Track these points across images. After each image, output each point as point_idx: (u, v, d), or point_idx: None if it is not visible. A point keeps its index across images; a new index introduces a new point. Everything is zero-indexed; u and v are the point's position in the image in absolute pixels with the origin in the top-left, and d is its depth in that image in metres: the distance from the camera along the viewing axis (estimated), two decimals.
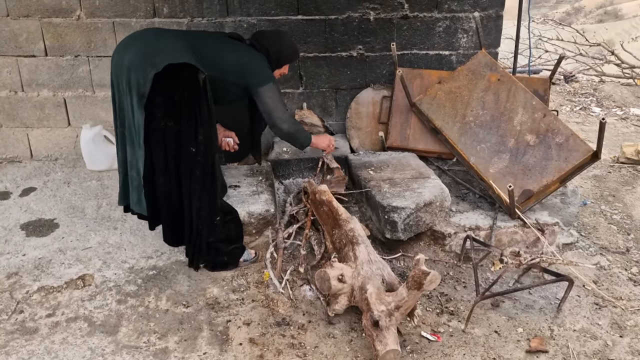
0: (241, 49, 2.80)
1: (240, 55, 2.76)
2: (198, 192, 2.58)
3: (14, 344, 2.25)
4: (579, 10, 47.41)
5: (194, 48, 2.57)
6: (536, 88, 3.42)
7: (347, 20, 3.82)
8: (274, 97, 2.79)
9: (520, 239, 2.91)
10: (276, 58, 2.92)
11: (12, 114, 3.87)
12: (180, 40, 2.58)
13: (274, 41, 2.92)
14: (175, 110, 2.47)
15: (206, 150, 2.56)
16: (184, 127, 2.49)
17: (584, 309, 2.52)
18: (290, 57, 3.02)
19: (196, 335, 2.31)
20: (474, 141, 3.17)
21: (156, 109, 2.44)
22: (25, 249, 2.93)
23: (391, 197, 2.85)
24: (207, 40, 2.77)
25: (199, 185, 2.57)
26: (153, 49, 2.47)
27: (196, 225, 2.62)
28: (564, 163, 2.95)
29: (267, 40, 2.90)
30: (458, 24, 3.86)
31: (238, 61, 2.73)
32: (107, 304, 2.50)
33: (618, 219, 3.48)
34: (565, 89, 7.39)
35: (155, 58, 2.41)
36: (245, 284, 2.65)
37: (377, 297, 2.22)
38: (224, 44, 2.79)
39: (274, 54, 2.90)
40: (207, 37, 2.91)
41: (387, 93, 3.82)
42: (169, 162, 2.54)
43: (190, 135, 2.50)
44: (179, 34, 2.75)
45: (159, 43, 2.53)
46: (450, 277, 2.75)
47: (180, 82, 2.45)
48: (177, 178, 2.58)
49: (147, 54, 2.44)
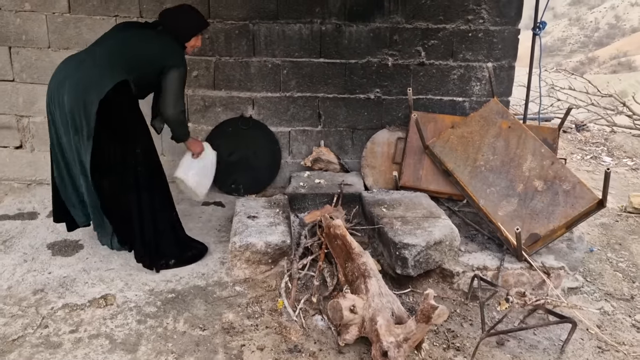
0: (154, 41, 2.97)
1: (154, 49, 2.94)
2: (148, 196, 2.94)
3: (38, 356, 2.35)
4: (593, 60, 48.02)
5: (114, 59, 2.82)
6: (545, 137, 3.56)
7: (366, 64, 4.03)
8: (176, 81, 2.93)
9: (526, 280, 2.99)
10: (184, 34, 3.06)
11: (45, 138, 4.06)
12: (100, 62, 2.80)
13: (178, 19, 3.05)
14: (114, 133, 2.81)
15: (145, 154, 2.92)
16: (123, 145, 2.84)
17: (586, 352, 2.59)
18: (196, 30, 3.12)
19: (212, 357, 2.40)
20: (484, 184, 3.31)
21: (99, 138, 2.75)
22: (51, 267, 3.07)
23: (403, 234, 2.97)
24: (124, 43, 2.93)
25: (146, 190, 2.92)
26: (82, 87, 2.71)
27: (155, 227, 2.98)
28: (570, 209, 3.06)
29: (171, 20, 3.04)
30: (472, 73, 4.05)
31: (154, 55, 2.93)
32: (127, 323, 2.62)
33: (624, 267, 3.55)
34: (577, 138, 7.50)
35: (90, 95, 2.68)
36: (260, 311, 2.76)
37: (386, 328, 2.32)
38: (142, 40, 2.96)
39: (181, 32, 3.05)
40: (124, 39, 2.97)
41: (402, 135, 3.98)
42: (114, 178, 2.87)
43: (129, 149, 2.85)
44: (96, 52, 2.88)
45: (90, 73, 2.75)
46: (457, 315, 2.84)
47: (113, 106, 2.75)
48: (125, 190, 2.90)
49: (76, 94, 2.70)
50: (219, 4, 3.88)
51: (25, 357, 2.35)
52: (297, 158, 4.22)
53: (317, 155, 4.09)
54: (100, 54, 2.84)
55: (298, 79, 4.06)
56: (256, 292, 2.91)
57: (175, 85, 2.95)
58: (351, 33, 3.96)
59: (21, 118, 4.07)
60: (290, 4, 3.90)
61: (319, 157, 4.09)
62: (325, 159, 4.09)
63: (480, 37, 3.98)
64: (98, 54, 2.84)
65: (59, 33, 3.88)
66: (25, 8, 3.82)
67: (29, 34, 3.88)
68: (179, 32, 3.05)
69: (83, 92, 2.70)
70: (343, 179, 3.92)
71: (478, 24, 3.95)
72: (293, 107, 4.12)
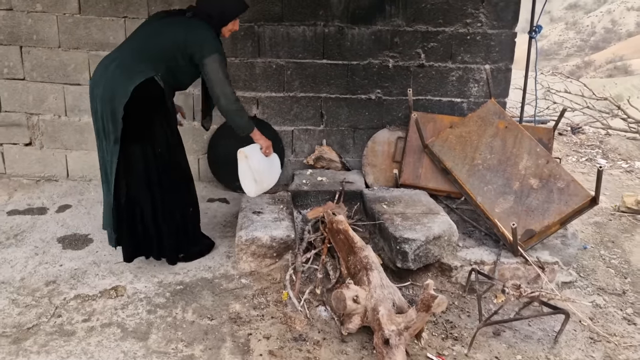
0: (180, 26, 2.82)
1: (179, 34, 2.79)
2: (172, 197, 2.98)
3: (53, 344, 2.45)
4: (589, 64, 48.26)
5: (140, 56, 2.77)
6: (541, 136, 3.67)
7: (367, 66, 4.14)
8: (217, 69, 2.80)
9: (521, 275, 3.11)
10: (219, 19, 2.91)
11: (54, 136, 4.19)
12: (127, 61, 2.77)
13: (212, 2, 2.89)
14: (137, 134, 2.81)
15: (166, 156, 2.91)
16: (145, 145, 2.84)
17: (579, 342, 2.70)
18: (234, 12, 2.97)
19: (220, 345, 2.50)
20: (482, 182, 3.42)
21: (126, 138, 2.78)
22: (62, 260, 3.17)
23: (403, 229, 3.08)
24: (150, 36, 2.83)
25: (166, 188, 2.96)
26: (110, 91, 2.72)
27: (175, 223, 3.02)
28: (564, 206, 3.18)
29: (205, 4, 2.88)
30: (470, 74, 4.17)
31: (179, 41, 2.78)
32: (138, 313, 2.71)
33: (616, 264, 3.66)
34: (572, 140, 7.61)
35: (115, 103, 2.70)
36: (265, 302, 2.86)
37: (388, 317, 2.42)
38: (167, 30, 2.83)
39: (216, 16, 2.89)
40: (150, 32, 2.88)
41: (402, 134, 4.10)
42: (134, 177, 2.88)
43: (151, 149, 2.86)
44: (125, 50, 2.85)
45: (114, 80, 2.73)
46: (456, 307, 2.95)
47: (137, 106, 2.73)
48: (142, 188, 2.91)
49: (105, 98, 2.72)
50: None
51: (41, 344, 2.44)
52: (300, 156, 4.33)
53: (320, 154, 4.21)
54: (127, 52, 2.82)
55: (301, 80, 4.17)
56: (261, 284, 3.01)
57: (216, 74, 2.81)
58: (353, 35, 4.08)
59: (31, 116, 4.17)
60: (294, 7, 4.01)
61: (322, 155, 4.20)
62: (327, 157, 4.21)
63: (478, 40, 4.10)
64: (126, 52, 2.82)
65: (69, 33, 3.98)
66: (36, 9, 3.93)
67: (39, 34, 3.98)
68: (215, 15, 2.88)
69: (110, 100, 2.71)
70: (345, 177, 4.03)
71: (476, 27, 4.07)
72: (296, 106, 4.23)
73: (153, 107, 2.84)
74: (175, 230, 3.06)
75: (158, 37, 2.82)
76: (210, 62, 2.80)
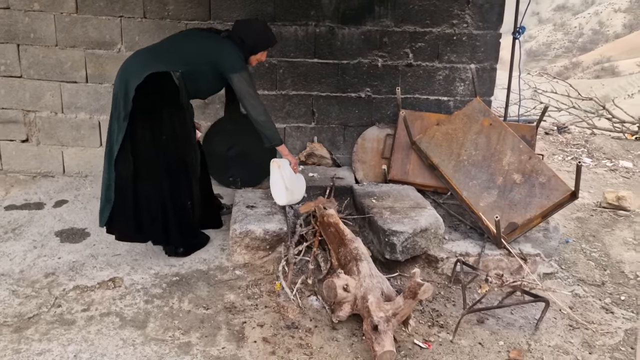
0: (214, 41, 3.11)
1: (211, 46, 3.07)
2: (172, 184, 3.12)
3: (54, 332, 2.53)
4: (577, 65, 48.75)
5: (163, 54, 3.02)
6: (524, 134, 3.81)
7: (357, 65, 4.26)
8: (245, 84, 3.07)
9: (505, 266, 3.24)
10: (251, 46, 3.18)
11: (51, 132, 4.26)
12: (150, 55, 3.05)
13: (248, 31, 3.17)
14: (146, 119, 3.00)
15: (172, 145, 3.06)
16: (152, 131, 3.02)
17: (559, 329, 2.83)
18: (264, 44, 3.26)
19: (215, 332, 2.60)
20: (467, 178, 3.55)
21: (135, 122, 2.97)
22: (60, 252, 3.25)
23: (391, 222, 3.20)
24: (181, 40, 3.15)
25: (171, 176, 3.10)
26: (127, 75, 2.95)
27: (172, 211, 3.13)
28: (545, 200, 3.32)
29: (240, 30, 3.17)
30: (456, 74, 4.31)
31: (209, 51, 3.05)
32: (135, 303, 2.81)
33: (596, 257, 3.80)
34: (558, 139, 7.76)
35: (130, 82, 2.90)
36: (259, 293, 2.97)
37: (377, 305, 2.54)
38: (197, 38, 3.13)
39: (248, 43, 3.16)
40: (182, 37, 3.22)
41: (391, 131, 4.22)
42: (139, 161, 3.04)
43: (157, 135, 3.03)
44: (153, 48, 3.15)
45: (133, 66, 2.99)
46: (442, 296, 3.07)
47: (150, 95, 2.94)
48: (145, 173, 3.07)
49: (123, 81, 2.94)
50: (220, 6, 4.09)
51: (42, 332, 2.53)
52: (291, 153, 4.43)
53: (311, 151, 4.32)
54: (155, 50, 3.09)
55: (293, 78, 4.28)
56: (255, 275, 3.11)
57: (246, 90, 3.08)
58: (344, 35, 4.20)
59: (28, 113, 4.24)
60: (286, 7, 4.12)
61: (313, 152, 4.31)
62: (318, 154, 4.32)
63: (464, 40, 4.24)
64: (154, 50, 3.09)
65: (66, 32, 4.06)
66: (34, 8, 4.00)
67: (37, 32, 4.06)
68: (248, 43, 3.16)
69: (126, 82, 2.92)
70: (335, 173, 4.15)
71: (462, 28, 4.21)
72: (288, 104, 4.34)
73: (165, 99, 3.02)
74: (178, 220, 3.19)
75: (189, 44, 3.10)
76: (239, 78, 3.07)
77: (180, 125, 3.10)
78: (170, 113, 3.05)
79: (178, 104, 3.06)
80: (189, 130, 3.17)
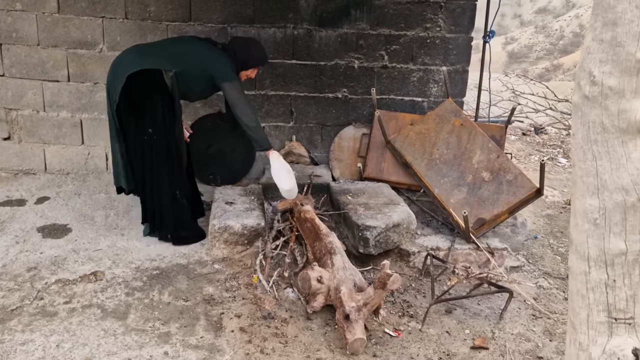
0: (210, 51, 3.29)
1: (206, 54, 3.25)
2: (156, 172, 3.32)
3: (37, 323, 2.61)
4: (558, 67, 49.34)
5: (160, 53, 3.22)
6: (494, 133, 3.97)
7: (334, 66, 4.39)
8: (236, 92, 3.24)
9: (473, 259, 3.38)
10: (242, 62, 3.36)
11: (32, 130, 4.32)
12: (147, 51, 3.27)
13: (242, 47, 3.38)
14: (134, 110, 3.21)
15: (158, 136, 3.25)
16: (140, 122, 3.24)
17: (522, 318, 2.99)
18: (256, 63, 3.45)
19: (194, 323, 2.70)
20: (439, 175, 3.69)
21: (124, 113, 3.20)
22: (42, 248, 3.32)
23: (365, 218, 3.33)
24: (179, 43, 3.37)
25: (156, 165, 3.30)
26: (119, 67, 3.17)
27: (157, 200, 3.35)
28: (512, 197, 3.47)
29: (235, 45, 3.38)
30: (430, 75, 4.46)
31: (204, 58, 3.23)
32: (117, 295, 2.89)
33: (563, 252, 3.96)
34: (535, 140, 7.95)
35: (120, 74, 3.11)
36: (237, 285, 3.07)
37: (349, 295, 2.66)
38: (195, 45, 3.32)
39: (241, 58, 3.35)
40: (180, 41, 3.47)
41: (367, 131, 4.35)
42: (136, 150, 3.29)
43: (144, 128, 3.24)
44: (150, 45, 3.41)
45: (127, 60, 3.20)
46: (413, 288, 3.21)
47: (141, 89, 3.15)
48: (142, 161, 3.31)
49: (115, 71, 3.18)
50: (200, 8, 4.19)
51: (25, 324, 2.60)
52: None
53: (289, 149, 4.44)
54: (151, 46, 3.32)
55: (272, 79, 4.39)
56: (233, 269, 3.22)
57: (237, 97, 3.24)
58: (321, 37, 4.32)
59: (10, 111, 4.29)
60: (265, 10, 4.23)
61: (291, 150, 4.43)
62: (296, 152, 4.44)
63: (437, 43, 4.39)
64: (150, 46, 3.33)
65: (48, 31, 4.12)
66: (16, 7, 4.06)
67: (19, 32, 4.11)
68: (240, 58, 3.34)
69: (119, 73, 3.15)
70: (313, 171, 4.27)
71: (435, 32, 4.35)
72: (267, 104, 4.45)
73: (154, 96, 3.20)
74: (163, 207, 3.39)
75: (187, 48, 3.28)
76: (231, 86, 3.24)
77: (169, 119, 3.26)
78: (155, 105, 3.21)
79: (169, 100, 3.22)
80: (178, 125, 3.32)
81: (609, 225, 1.22)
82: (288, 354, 2.51)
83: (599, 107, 1.17)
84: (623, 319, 1.24)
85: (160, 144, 3.27)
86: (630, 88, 1.13)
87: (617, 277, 1.23)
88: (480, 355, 2.63)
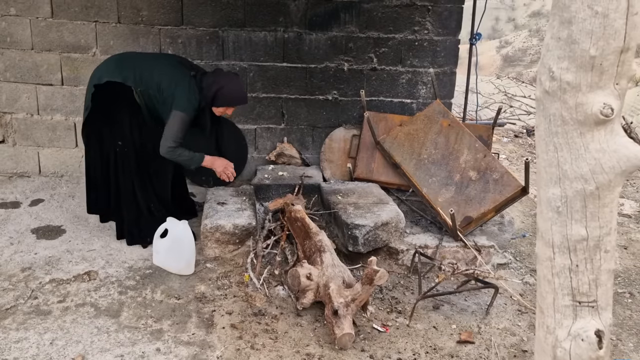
0: (182, 77, 3.18)
1: (175, 80, 3.15)
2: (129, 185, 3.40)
3: (31, 321, 2.66)
4: None
5: (137, 68, 3.21)
6: (481, 134, 4.04)
7: (324, 69, 4.46)
8: (175, 124, 3.14)
9: (461, 257, 3.45)
10: (209, 98, 3.20)
11: (27, 133, 4.37)
12: (126, 63, 3.27)
13: (214, 85, 3.19)
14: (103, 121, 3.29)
15: (128, 149, 3.32)
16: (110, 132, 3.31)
17: (508, 314, 3.05)
18: (227, 103, 3.26)
19: (186, 320, 2.76)
20: (427, 175, 3.76)
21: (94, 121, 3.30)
22: (36, 248, 3.37)
23: (354, 217, 3.39)
24: (158, 63, 3.28)
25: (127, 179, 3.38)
26: (95, 76, 3.26)
27: (133, 215, 3.42)
28: (498, 195, 3.54)
29: (208, 78, 3.22)
30: (418, 77, 4.54)
31: (172, 83, 3.15)
32: (110, 294, 2.95)
33: None
34: (527, 142, 8.06)
35: (92, 83, 3.22)
36: (228, 284, 3.13)
37: (337, 292, 2.72)
38: (172, 68, 3.23)
39: (206, 94, 3.19)
40: (161, 60, 3.39)
41: (357, 132, 4.42)
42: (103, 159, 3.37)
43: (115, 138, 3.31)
44: (134, 57, 3.40)
45: (103, 69, 3.27)
46: (401, 285, 3.27)
47: (111, 99, 3.24)
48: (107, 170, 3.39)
49: (91, 78, 3.27)
50: (192, 12, 4.25)
51: (19, 322, 2.65)
52: (262, 153, 4.62)
53: (281, 151, 4.50)
54: (130, 57, 3.35)
55: (263, 81, 4.45)
56: (225, 268, 3.27)
57: (176, 126, 3.14)
58: (311, 40, 4.39)
59: (4, 114, 4.34)
60: (256, 14, 4.30)
61: (282, 152, 4.50)
62: (288, 153, 4.51)
63: (425, 46, 4.47)
64: (129, 57, 3.36)
65: (42, 36, 4.18)
66: (10, 12, 4.11)
67: (13, 37, 4.16)
68: (206, 94, 3.19)
69: (93, 80, 3.22)
70: (304, 172, 4.33)
71: (423, 34, 4.43)
72: (259, 106, 4.51)
73: (122, 109, 3.29)
74: (136, 217, 3.44)
75: (161, 68, 3.23)
76: (177, 115, 3.15)
77: (137, 133, 3.34)
78: (123, 115, 3.29)
79: (131, 116, 3.30)
80: (146, 141, 3.36)
81: (571, 212, 1.29)
82: (278, 349, 2.57)
83: (559, 101, 1.24)
84: (586, 302, 1.30)
85: (129, 157, 3.33)
86: (585, 82, 1.20)
87: (580, 262, 1.30)
88: (466, 349, 2.69)
